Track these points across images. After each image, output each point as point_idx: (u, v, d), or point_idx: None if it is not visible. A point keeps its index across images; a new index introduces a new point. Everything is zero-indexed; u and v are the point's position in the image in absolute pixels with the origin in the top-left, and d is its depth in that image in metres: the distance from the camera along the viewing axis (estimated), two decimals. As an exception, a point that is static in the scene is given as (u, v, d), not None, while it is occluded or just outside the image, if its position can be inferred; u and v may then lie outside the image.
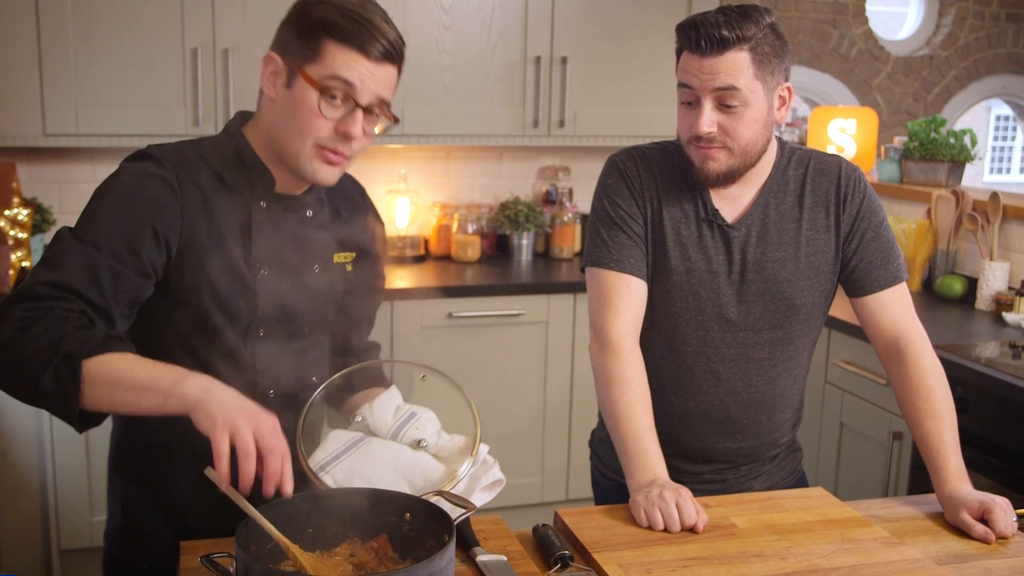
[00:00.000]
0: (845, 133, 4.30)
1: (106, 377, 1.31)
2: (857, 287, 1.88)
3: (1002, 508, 1.66)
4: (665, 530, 1.61)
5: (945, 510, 1.73)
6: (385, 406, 1.57)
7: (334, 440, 1.54)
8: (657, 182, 1.85)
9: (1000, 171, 15.79)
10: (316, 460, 1.49)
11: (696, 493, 1.74)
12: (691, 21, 1.71)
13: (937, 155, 3.90)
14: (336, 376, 1.63)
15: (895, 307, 1.87)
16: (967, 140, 3.90)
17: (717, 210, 1.83)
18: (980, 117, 14.59)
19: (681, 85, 1.74)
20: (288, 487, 1.28)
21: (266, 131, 1.57)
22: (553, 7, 3.81)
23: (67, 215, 3.77)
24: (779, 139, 1.89)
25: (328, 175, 1.54)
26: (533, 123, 3.86)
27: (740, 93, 1.69)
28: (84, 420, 1.36)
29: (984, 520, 1.66)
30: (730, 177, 1.78)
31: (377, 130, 1.56)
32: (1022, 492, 2.56)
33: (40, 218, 3.58)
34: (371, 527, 1.39)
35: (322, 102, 1.48)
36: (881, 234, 1.87)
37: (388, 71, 1.51)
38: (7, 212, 3.33)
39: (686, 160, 1.83)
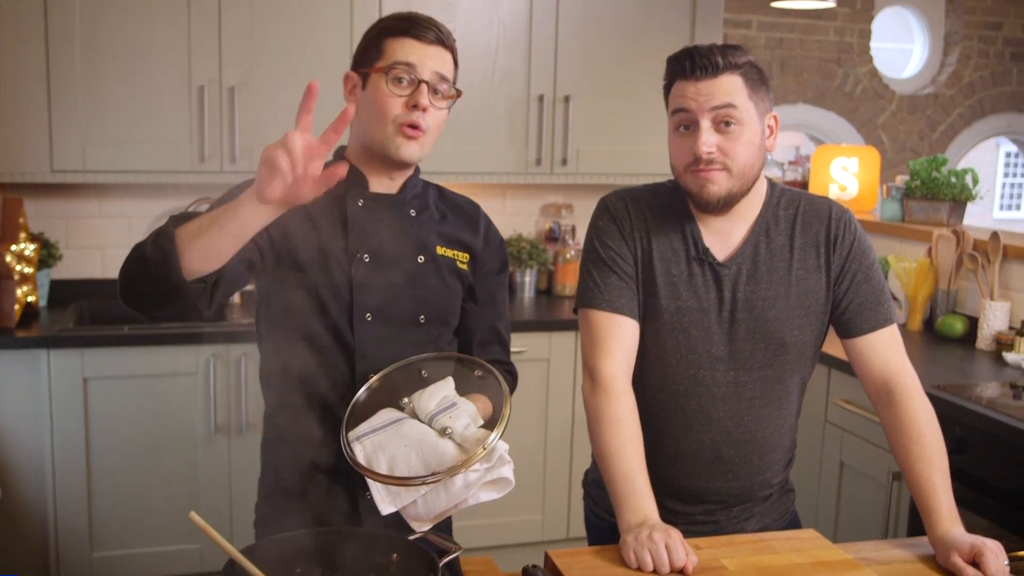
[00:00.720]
0: (847, 172, 4.31)
1: (191, 230, 1.46)
2: (848, 328, 1.89)
3: (993, 551, 1.66)
4: (655, 572, 1.60)
5: (936, 553, 1.73)
6: (433, 394, 1.66)
7: (378, 417, 1.65)
8: (647, 222, 1.87)
9: (1012, 207, 15.75)
10: (356, 431, 1.61)
11: (688, 534, 1.74)
12: (683, 52, 1.78)
13: (938, 194, 3.91)
14: (375, 377, 1.73)
15: (885, 349, 1.88)
16: (968, 179, 3.91)
17: (708, 248, 1.84)
18: (990, 154, 14.58)
19: (676, 111, 1.78)
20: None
21: (356, 137, 1.81)
22: (556, 47, 3.85)
23: (74, 250, 3.81)
24: (769, 180, 1.91)
25: (409, 151, 1.74)
26: (536, 161, 3.89)
27: (738, 111, 1.74)
28: (194, 283, 1.48)
29: (975, 563, 1.66)
30: (729, 202, 1.79)
31: (446, 105, 1.77)
32: (1019, 534, 2.54)
33: (47, 253, 3.62)
34: (358, 568, 1.40)
35: (390, 84, 1.71)
36: (871, 276, 1.88)
37: (442, 53, 1.75)
38: (14, 247, 3.37)
39: (677, 200, 1.86)
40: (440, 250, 1.84)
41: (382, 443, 1.58)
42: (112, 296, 3.78)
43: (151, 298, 1.51)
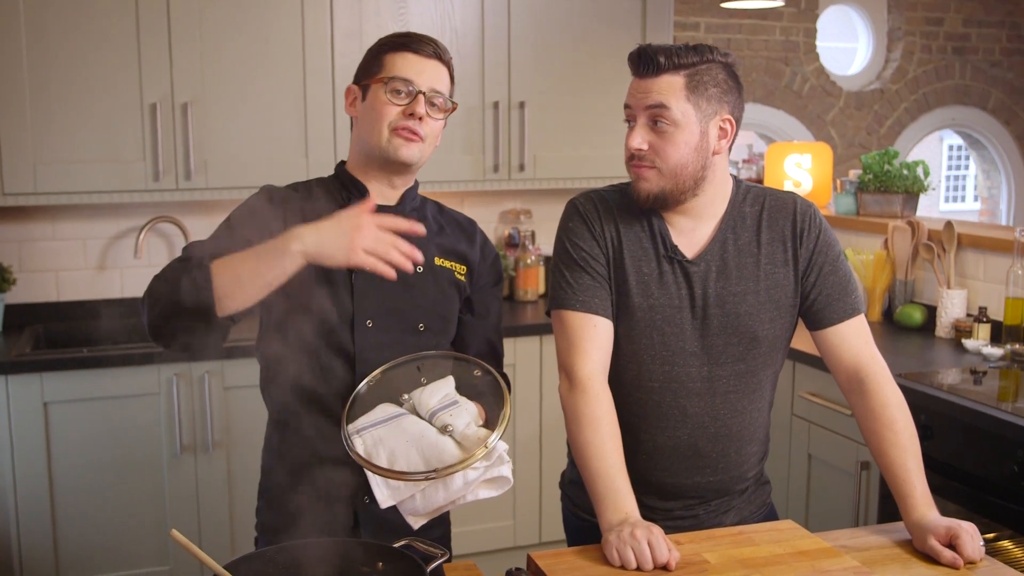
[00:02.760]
0: (801, 168, 4.36)
1: (229, 265, 1.56)
2: (817, 320, 1.91)
3: (969, 533, 1.68)
4: (638, 569, 1.61)
5: (913, 537, 1.75)
6: (434, 391, 1.68)
7: (378, 411, 1.66)
8: (616, 222, 1.88)
9: (955, 199, 16.04)
10: (356, 424, 1.62)
11: (667, 530, 1.74)
12: (637, 48, 1.83)
13: (891, 187, 3.97)
14: (376, 371, 1.75)
15: (855, 339, 1.90)
16: (920, 171, 3.97)
17: (676, 246, 1.86)
18: (933, 148, 14.84)
19: (625, 106, 1.86)
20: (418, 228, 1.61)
21: (356, 146, 1.88)
22: (509, 53, 3.85)
23: (27, 274, 3.74)
24: (734, 177, 1.93)
25: (409, 151, 1.81)
26: (493, 168, 3.89)
27: (670, 112, 1.77)
28: (225, 320, 1.61)
29: (952, 546, 1.68)
30: (662, 200, 1.82)
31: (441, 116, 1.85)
32: (989, 517, 2.58)
33: (0, 278, 3.55)
34: (343, 579, 1.38)
35: (388, 93, 1.79)
36: (838, 268, 1.91)
37: (439, 67, 1.83)
38: (-34, 273, 3.30)
39: None
40: (438, 261, 1.89)
41: (382, 437, 1.59)
42: (69, 319, 3.76)
43: (181, 330, 1.61)
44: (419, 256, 1.60)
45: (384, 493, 1.57)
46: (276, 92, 3.57)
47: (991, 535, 2.64)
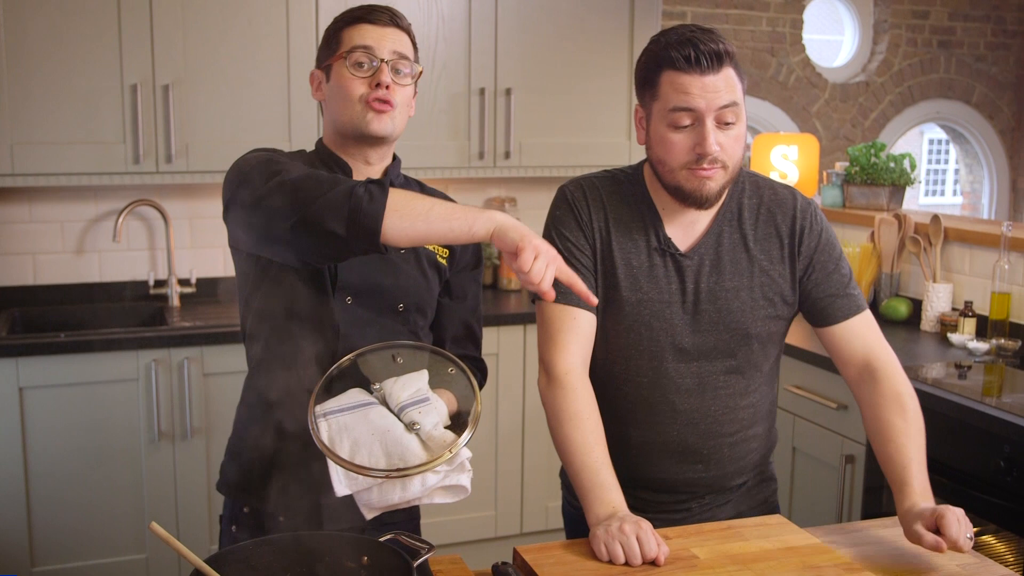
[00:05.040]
0: (787, 159, 4.35)
1: (409, 199, 1.53)
2: (823, 317, 1.86)
3: (955, 514, 1.60)
4: (626, 563, 1.58)
5: (903, 526, 1.68)
6: (407, 384, 1.63)
7: (348, 396, 1.61)
8: (606, 212, 1.83)
9: (935, 193, 16.11)
10: (324, 407, 1.57)
11: (660, 523, 1.72)
12: (681, 39, 1.66)
13: (878, 179, 3.96)
14: (350, 355, 1.68)
15: (867, 332, 1.86)
16: (906, 164, 3.97)
17: (670, 239, 1.81)
18: (914, 141, 14.87)
19: (678, 109, 1.67)
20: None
21: (329, 127, 1.83)
22: (496, 39, 3.81)
23: (4, 256, 3.68)
24: None
25: (381, 124, 1.76)
26: (479, 155, 3.86)
27: (738, 108, 1.68)
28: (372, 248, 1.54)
29: (937, 530, 1.60)
30: (720, 196, 1.75)
31: (410, 81, 1.81)
32: (973, 512, 2.58)
33: (-25, 260, 3.49)
34: (328, 573, 1.35)
35: (350, 66, 1.75)
36: (841, 266, 1.86)
37: (398, 33, 1.79)
38: (-60, 255, 3.24)
39: (637, 188, 1.83)
40: None
41: (347, 425, 1.55)
42: (46, 303, 3.70)
43: (316, 210, 1.51)
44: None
45: (342, 483, 1.53)
46: (259, 74, 3.52)
47: (976, 529, 2.64)
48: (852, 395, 1.90)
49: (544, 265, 1.47)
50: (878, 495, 2.90)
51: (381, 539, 1.37)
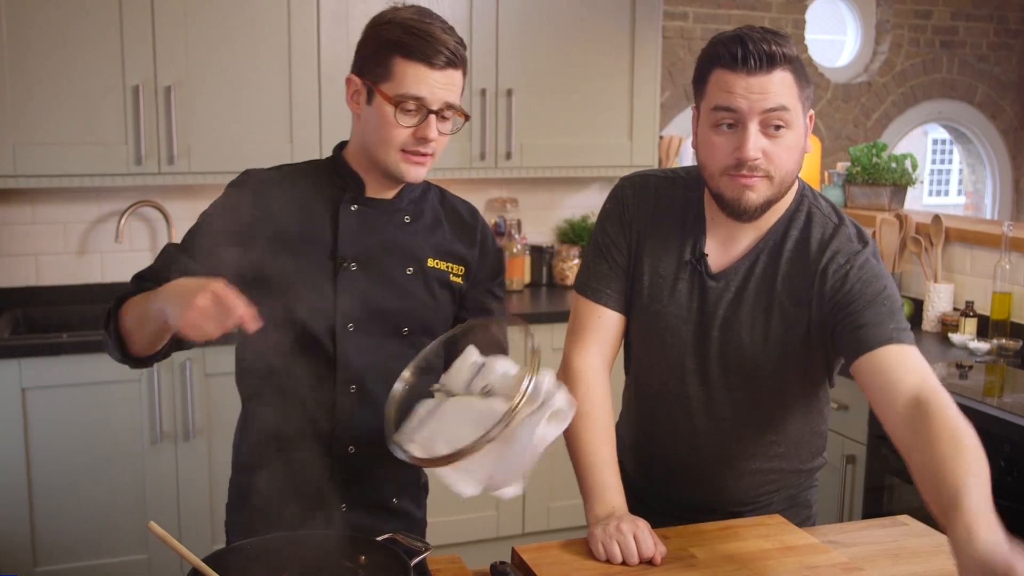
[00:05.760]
0: (789, 159, 4.34)
1: (131, 309, 1.58)
2: (857, 345, 1.60)
3: None
4: (623, 563, 1.59)
5: (958, 560, 1.26)
6: (460, 367, 1.58)
7: (420, 408, 1.56)
8: (651, 212, 1.77)
9: (939, 194, 16.09)
10: (403, 431, 1.52)
11: (658, 524, 1.72)
12: (732, 36, 1.57)
13: (880, 179, 3.95)
14: (395, 388, 1.59)
15: (916, 363, 1.56)
16: (908, 164, 3.96)
17: (706, 255, 1.73)
18: (918, 141, 14.85)
19: (720, 108, 1.58)
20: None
21: (358, 142, 1.74)
22: (497, 40, 3.82)
23: (7, 257, 3.69)
24: (800, 182, 1.74)
25: (416, 173, 1.69)
26: (480, 155, 3.86)
27: (789, 114, 1.56)
28: (139, 360, 1.65)
29: None
30: (764, 210, 1.64)
31: (452, 129, 1.70)
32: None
33: (-22, 261, 3.50)
34: (325, 573, 1.36)
35: (398, 114, 1.64)
36: (878, 300, 1.62)
37: (453, 76, 1.65)
38: (-57, 256, 3.25)
39: (691, 194, 1.76)
40: (432, 262, 1.77)
41: (436, 430, 1.49)
42: (49, 303, 3.70)
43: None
44: (252, 325, 1.41)
45: (461, 482, 1.45)
46: (261, 75, 3.53)
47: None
48: (891, 434, 1.55)
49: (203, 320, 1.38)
50: (878, 495, 2.90)
51: (379, 539, 1.37)
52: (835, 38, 6.95)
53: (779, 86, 1.55)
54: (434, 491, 1.89)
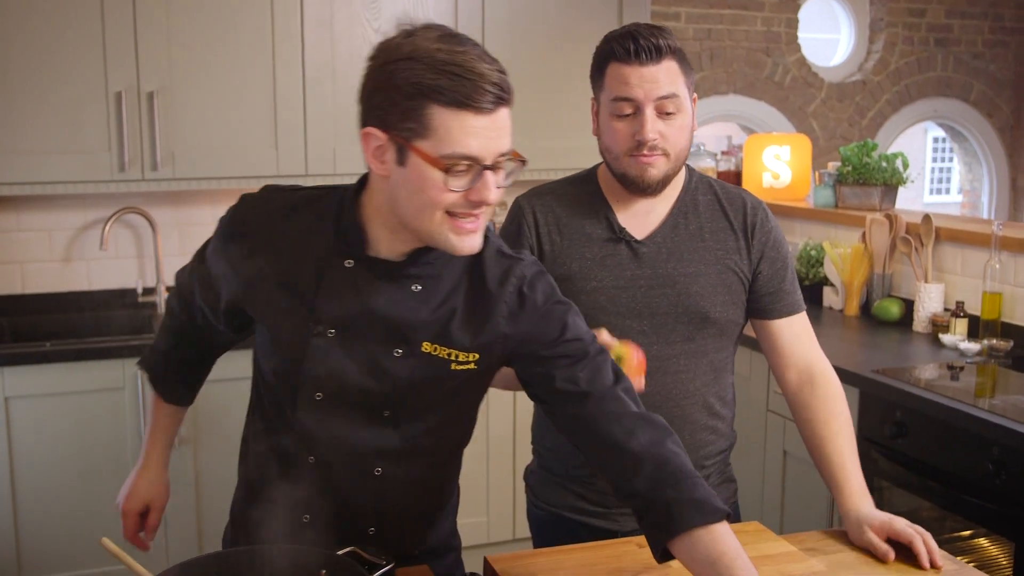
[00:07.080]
0: (780, 160, 4.32)
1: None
2: (769, 311, 1.94)
3: (918, 535, 1.68)
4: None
5: (848, 528, 1.76)
6: None
7: None
8: (558, 217, 1.90)
9: (940, 192, 16.06)
10: None
11: (614, 517, 1.83)
12: (624, 33, 1.77)
13: (870, 179, 3.92)
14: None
15: (806, 336, 1.95)
16: (899, 163, 3.93)
17: (624, 227, 1.88)
18: (918, 139, 14.83)
19: (619, 99, 1.78)
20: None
21: (387, 204, 1.41)
22: (483, 44, 3.77)
23: (-9, 266, 3.67)
24: (687, 165, 1.95)
25: (472, 243, 1.38)
26: (468, 159, 3.83)
27: (679, 100, 1.76)
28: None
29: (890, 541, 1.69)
30: (664, 183, 1.83)
31: (508, 179, 1.37)
32: (964, 515, 2.55)
33: (-38, 270, 3.48)
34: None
35: (448, 178, 1.32)
36: (789, 264, 1.96)
37: (503, 115, 1.34)
38: (-75, 265, 3.23)
39: (590, 187, 1.93)
40: (428, 347, 1.47)
41: None
42: (35, 311, 3.69)
43: None
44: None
45: None
46: (245, 81, 3.51)
47: (967, 532, 2.61)
48: (786, 400, 1.96)
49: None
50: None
51: (339, 552, 1.34)
52: (829, 37, 6.92)
53: (668, 74, 1.75)
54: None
